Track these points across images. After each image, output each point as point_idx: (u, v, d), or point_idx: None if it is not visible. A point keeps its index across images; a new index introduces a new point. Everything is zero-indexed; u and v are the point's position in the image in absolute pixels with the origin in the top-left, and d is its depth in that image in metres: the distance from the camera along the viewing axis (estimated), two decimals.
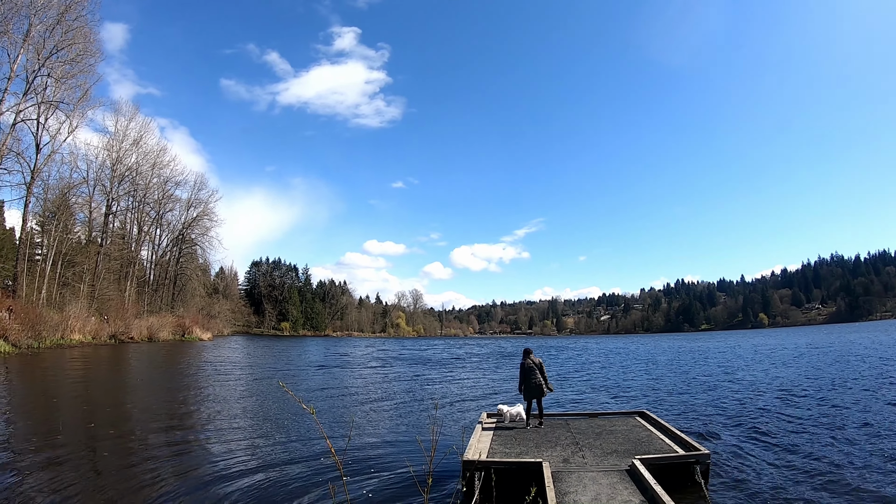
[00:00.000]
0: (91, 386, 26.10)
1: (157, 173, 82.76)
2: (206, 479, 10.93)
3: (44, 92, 53.22)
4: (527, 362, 14.09)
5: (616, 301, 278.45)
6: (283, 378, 31.39)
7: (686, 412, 19.40)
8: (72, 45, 53.53)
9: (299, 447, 14.20)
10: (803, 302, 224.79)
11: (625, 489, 8.72)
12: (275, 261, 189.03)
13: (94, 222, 72.81)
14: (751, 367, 36.64)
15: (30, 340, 41.53)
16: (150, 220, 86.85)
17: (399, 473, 11.67)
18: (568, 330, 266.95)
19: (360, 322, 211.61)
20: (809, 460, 12.17)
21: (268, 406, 21.65)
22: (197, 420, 18.18)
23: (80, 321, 53.48)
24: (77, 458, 12.31)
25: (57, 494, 9.62)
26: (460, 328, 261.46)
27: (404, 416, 19.86)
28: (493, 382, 32.18)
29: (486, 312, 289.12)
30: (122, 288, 74.99)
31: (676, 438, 11.77)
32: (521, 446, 11.87)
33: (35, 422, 16.55)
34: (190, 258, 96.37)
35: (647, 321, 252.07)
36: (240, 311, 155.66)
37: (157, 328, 70.23)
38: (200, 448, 13.99)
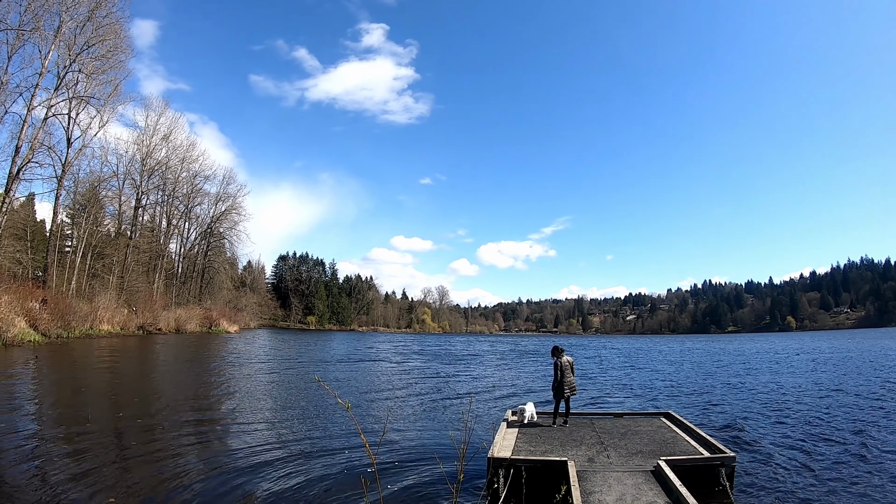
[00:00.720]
0: (119, 376, 26.36)
1: (186, 168, 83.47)
2: (233, 471, 10.97)
3: (75, 87, 53.78)
4: (563, 361, 14.02)
5: (642, 301, 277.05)
6: (311, 372, 31.43)
7: (712, 414, 19.20)
8: (102, 42, 54.00)
9: (327, 440, 14.22)
10: (832, 306, 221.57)
11: (650, 490, 8.63)
12: (302, 255, 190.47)
13: (123, 215, 73.68)
14: (778, 371, 36.24)
15: (59, 330, 42.06)
16: (179, 214, 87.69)
17: (428, 468, 11.69)
18: (594, 329, 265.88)
19: (386, 317, 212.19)
20: (837, 467, 11.95)
21: (295, 399, 21.71)
22: (224, 411, 18.27)
23: (108, 312, 54.10)
24: (105, 446, 12.40)
25: (85, 482, 9.68)
26: (486, 325, 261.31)
27: (431, 412, 19.88)
28: (517, 380, 32.12)
29: (512, 310, 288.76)
30: (151, 280, 75.79)
31: (702, 440, 11.63)
32: (547, 444, 11.81)
33: (64, 410, 16.70)
34: (218, 251, 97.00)
35: (674, 322, 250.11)
36: (266, 305, 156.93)
37: (185, 320, 70.91)
38: (227, 439, 14.07)
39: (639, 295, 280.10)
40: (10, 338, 34.22)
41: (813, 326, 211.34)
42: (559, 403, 14.11)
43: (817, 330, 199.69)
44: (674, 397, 24.35)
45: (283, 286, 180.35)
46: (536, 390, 26.51)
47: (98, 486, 9.50)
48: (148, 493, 9.42)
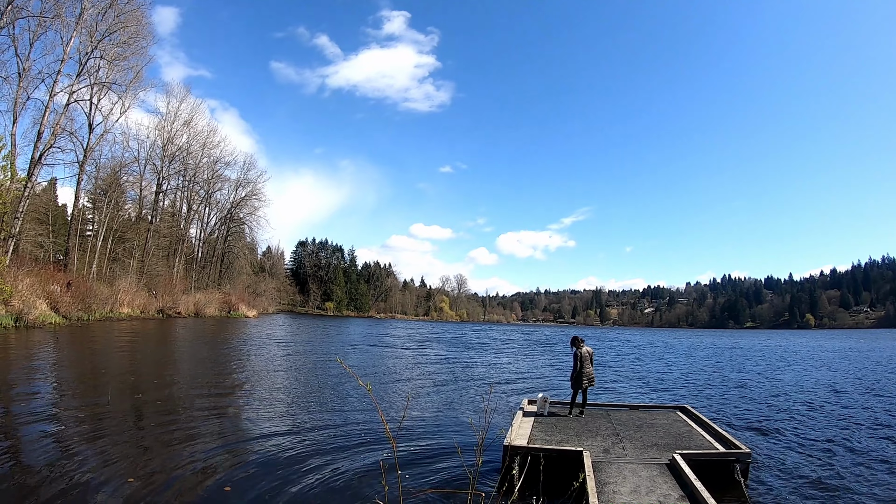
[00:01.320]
0: (138, 358, 26.66)
1: (206, 153, 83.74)
2: (251, 452, 11.08)
3: (96, 73, 54.10)
4: (583, 351, 14.01)
5: (661, 294, 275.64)
6: (330, 357, 31.58)
7: (728, 409, 19.15)
8: (124, 28, 54.16)
9: (344, 424, 14.32)
10: (851, 304, 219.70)
11: (664, 483, 8.62)
12: (321, 241, 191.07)
13: (144, 200, 74.20)
14: (796, 368, 36.07)
15: (80, 313, 42.53)
16: (200, 199, 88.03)
17: (446, 453, 11.79)
18: (611, 321, 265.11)
19: (404, 305, 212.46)
20: (853, 467, 11.85)
21: (312, 382, 21.95)
22: (242, 393, 18.45)
23: (129, 295, 54.69)
24: (124, 426, 12.57)
25: (104, 462, 9.79)
26: (503, 314, 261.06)
27: (448, 398, 20.01)
28: (533, 369, 32.25)
29: (530, 300, 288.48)
30: (171, 264, 76.37)
31: (717, 435, 11.64)
32: (562, 434, 11.85)
33: (84, 391, 16.90)
34: (237, 237, 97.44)
35: (692, 316, 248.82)
36: (285, 290, 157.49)
37: (204, 304, 71.60)
38: (245, 421, 14.23)
39: (657, 288, 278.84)
40: (32, 320, 34.65)
41: (832, 325, 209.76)
42: (577, 393, 14.14)
43: (836, 328, 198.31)
44: (689, 391, 24.32)
45: (301, 272, 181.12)
46: (552, 379, 26.61)
47: (117, 466, 9.60)
48: (167, 472, 9.52)
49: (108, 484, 8.64)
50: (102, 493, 8.22)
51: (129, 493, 8.33)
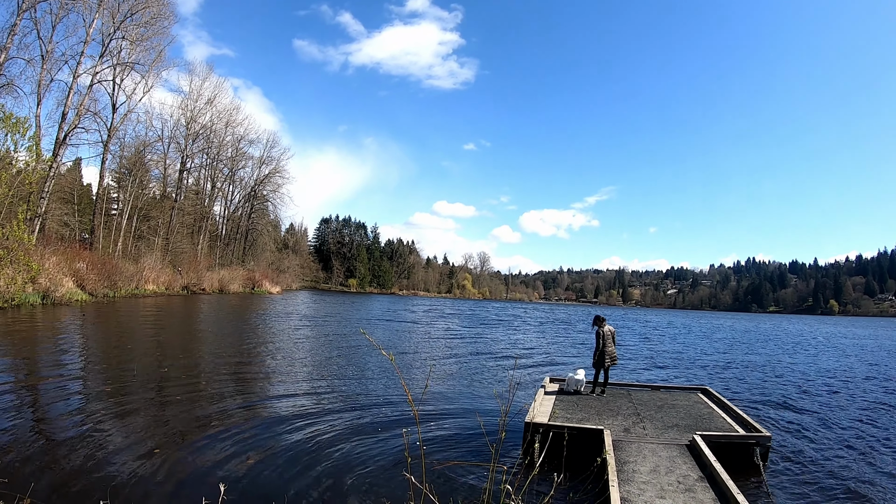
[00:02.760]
0: (164, 333, 26.94)
1: (230, 132, 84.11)
2: (274, 425, 11.26)
3: (119, 54, 54.35)
4: (605, 330, 14.07)
5: (684, 275, 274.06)
6: (353, 332, 31.81)
7: (749, 393, 19.11)
8: (146, 9, 54.30)
9: (369, 397, 14.54)
10: (876, 292, 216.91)
11: (684, 464, 8.68)
12: (345, 218, 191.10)
13: (168, 178, 74.77)
14: (820, 354, 35.84)
15: (106, 290, 43.01)
16: (223, 177, 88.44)
17: (468, 426, 12.01)
18: (634, 301, 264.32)
19: (427, 282, 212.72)
20: (874, 454, 11.82)
21: (336, 356, 22.25)
22: (266, 368, 18.65)
23: (154, 272, 55.22)
24: (149, 399, 12.85)
25: (130, 432, 10.05)
26: (525, 293, 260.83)
27: (470, 373, 20.32)
28: (554, 346, 32.38)
29: (553, 279, 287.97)
30: (195, 241, 77.00)
31: (738, 418, 11.67)
32: (583, 412, 11.95)
33: (110, 366, 17.12)
34: (261, 214, 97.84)
35: (715, 298, 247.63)
36: (308, 267, 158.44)
37: (228, 281, 72.14)
38: (269, 395, 14.42)
39: (680, 269, 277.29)
40: (59, 297, 35.12)
41: (856, 312, 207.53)
42: (599, 372, 14.22)
43: (860, 316, 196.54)
44: (711, 373, 24.29)
45: (325, 249, 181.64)
46: (572, 357, 26.72)
47: (142, 437, 9.85)
48: (191, 443, 9.73)
49: (134, 455, 8.84)
50: (128, 464, 8.42)
51: (155, 463, 8.54)
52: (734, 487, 7.33)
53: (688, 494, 7.45)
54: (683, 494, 7.45)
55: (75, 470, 8.13)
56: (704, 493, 7.51)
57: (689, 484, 7.82)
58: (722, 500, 7.27)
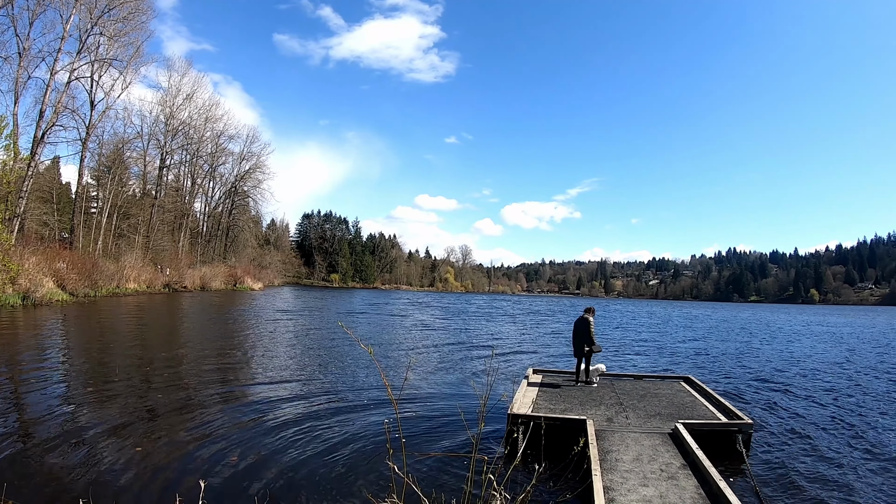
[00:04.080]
0: (146, 332, 26.85)
1: (210, 127, 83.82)
2: (257, 421, 11.21)
3: (97, 50, 54.00)
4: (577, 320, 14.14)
5: (666, 266, 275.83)
6: (334, 327, 31.78)
7: (731, 381, 19.28)
8: (123, 4, 53.86)
9: (348, 390, 14.62)
10: (856, 281, 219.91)
11: (666, 452, 8.73)
12: (326, 213, 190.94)
13: (148, 176, 74.29)
14: (801, 342, 36.20)
15: (86, 289, 42.74)
16: (204, 173, 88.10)
17: (451, 417, 12.06)
18: (616, 293, 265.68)
19: (409, 275, 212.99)
20: (853, 437, 11.98)
21: (317, 351, 22.25)
22: (248, 364, 18.62)
23: (135, 271, 54.95)
24: (132, 399, 12.71)
25: (112, 433, 9.94)
26: (508, 285, 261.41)
27: (451, 365, 20.47)
28: (534, 338, 32.57)
29: (535, 271, 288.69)
30: (176, 239, 76.61)
31: (720, 406, 11.80)
32: (566, 403, 12.02)
33: (92, 365, 17.03)
34: (242, 210, 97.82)
35: (696, 289, 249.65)
36: (290, 263, 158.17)
37: (210, 278, 72.05)
38: (251, 390, 14.35)
39: (662, 260, 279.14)
40: (39, 297, 34.86)
41: (836, 300, 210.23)
42: (580, 362, 14.28)
43: (840, 304, 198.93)
44: (693, 362, 24.46)
45: (306, 244, 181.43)
46: (552, 347, 26.89)
47: (125, 437, 9.75)
48: (174, 442, 9.66)
49: (115, 453, 8.78)
50: (110, 463, 8.36)
51: (137, 462, 8.48)
52: (716, 474, 7.38)
53: (671, 482, 7.49)
54: (666, 482, 7.49)
55: (56, 470, 8.08)
56: (687, 480, 7.56)
57: (672, 472, 7.87)
58: (704, 486, 7.32)
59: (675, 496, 7.01)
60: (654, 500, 6.90)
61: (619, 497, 7.00)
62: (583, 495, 7.29)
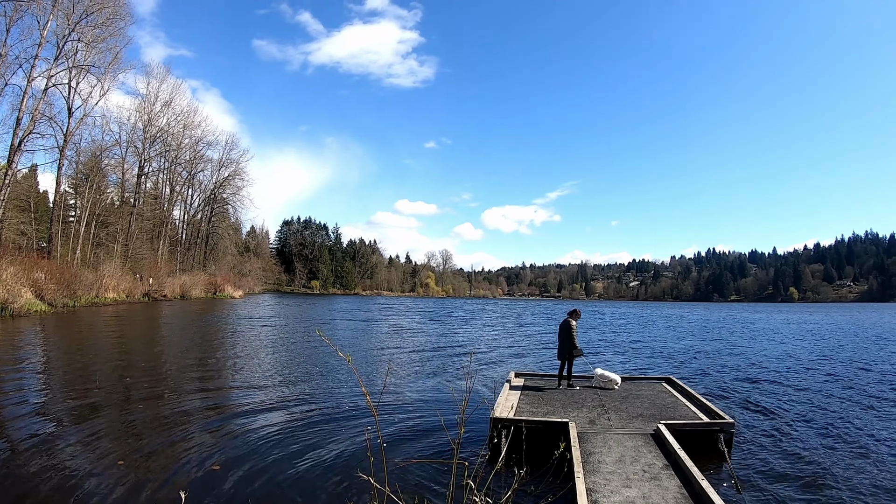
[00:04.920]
0: (126, 343, 26.61)
1: (188, 134, 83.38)
2: (239, 432, 11.11)
3: (74, 56, 53.53)
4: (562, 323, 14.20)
5: (646, 268, 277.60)
6: (314, 334, 31.68)
7: (712, 381, 19.40)
8: (101, 9, 53.52)
9: (329, 397, 14.57)
10: (835, 278, 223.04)
11: (648, 453, 8.77)
12: (305, 220, 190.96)
13: (126, 183, 73.61)
14: (781, 340, 36.50)
15: (65, 299, 42.31)
16: (182, 181, 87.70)
17: (431, 423, 12.03)
18: (597, 295, 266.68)
19: (390, 281, 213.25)
20: (833, 433, 12.12)
21: (299, 359, 22.06)
22: (229, 374, 18.46)
23: (114, 280, 54.43)
24: (112, 410, 12.57)
25: (93, 445, 9.82)
26: (489, 289, 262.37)
27: (432, 370, 20.46)
28: (513, 341, 32.76)
29: (516, 274, 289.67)
30: (155, 247, 76.13)
31: (702, 406, 11.85)
32: (548, 406, 12.02)
33: (72, 377, 16.86)
34: (221, 217, 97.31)
35: (677, 289, 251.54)
36: (270, 270, 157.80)
37: (190, 286, 71.61)
38: (233, 401, 14.23)
39: (642, 261, 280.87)
40: (17, 308, 34.43)
41: (815, 298, 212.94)
42: (563, 365, 14.34)
43: (819, 302, 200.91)
44: (674, 362, 24.59)
45: (286, 251, 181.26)
46: (530, 350, 27.03)
47: (106, 450, 9.62)
48: (156, 454, 9.55)
49: (96, 467, 8.67)
50: (91, 477, 8.26)
51: (119, 475, 8.39)
52: (698, 474, 7.42)
53: (653, 482, 7.52)
54: (649, 483, 7.52)
55: (36, 484, 7.97)
56: (670, 480, 7.60)
57: (655, 472, 7.91)
58: (687, 486, 7.36)
59: (657, 497, 7.04)
60: (637, 501, 6.93)
61: (602, 499, 7.01)
62: (566, 498, 7.30)
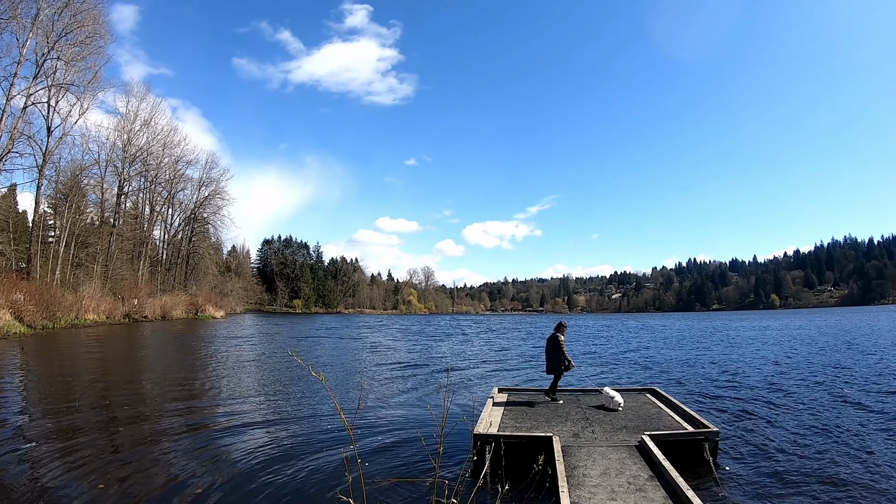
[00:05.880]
0: (106, 364, 26.39)
1: (168, 153, 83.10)
2: (219, 453, 11.06)
3: (53, 75, 53.44)
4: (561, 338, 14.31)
5: (628, 279, 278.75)
6: (294, 353, 31.56)
7: (696, 390, 19.42)
8: (81, 28, 53.51)
9: (310, 417, 14.48)
10: (815, 284, 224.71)
11: (634, 464, 8.78)
12: (286, 238, 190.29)
13: (106, 203, 73.12)
14: (765, 348, 36.64)
15: (45, 321, 41.96)
16: (162, 200, 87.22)
17: (411, 441, 11.95)
18: (579, 308, 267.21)
19: (372, 299, 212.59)
20: (820, 441, 12.13)
21: (279, 379, 21.98)
22: (210, 395, 18.34)
23: (94, 301, 54.04)
24: (93, 433, 12.43)
25: (73, 468, 9.72)
26: (472, 305, 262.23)
27: (412, 387, 20.37)
28: (500, 356, 32.72)
29: (498, 290, 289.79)
30: (135, 267, 75.51)
31: (686, 416, 11.86)
32: (532, 420, 11.99)
33: (51, 400, 16.71)
34: (202, 237, 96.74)
35: (659, 300, 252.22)
36: (252, 289, 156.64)
37: (171, 307, 71.10)
38: (213, 422, 14.11)
39: (624, 273, 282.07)
40: None
41: (797, 304, 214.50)
42: (558, 379, 14.39)
43: (801, 308, 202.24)
44: (658, 373, 24.62)
45: (268, 270, 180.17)
46: (511, 366, 27.03)
47: (86, 473, 9.54)
48: (136, 477, 9.47)
49: (76, 490, 8.60)
50: (72, 500, 8.20)
51: (99, 498, 8.33)
52: (684, 484, 7.46)
53: (639, 494, 7.55)
54: (634, 494, 7.54)
55: None
56: (655, 491, 7.63)
57: (640, 484, 7.93)
58: (673, 497, 7.39)
59: None
60: None
61: None
62: None
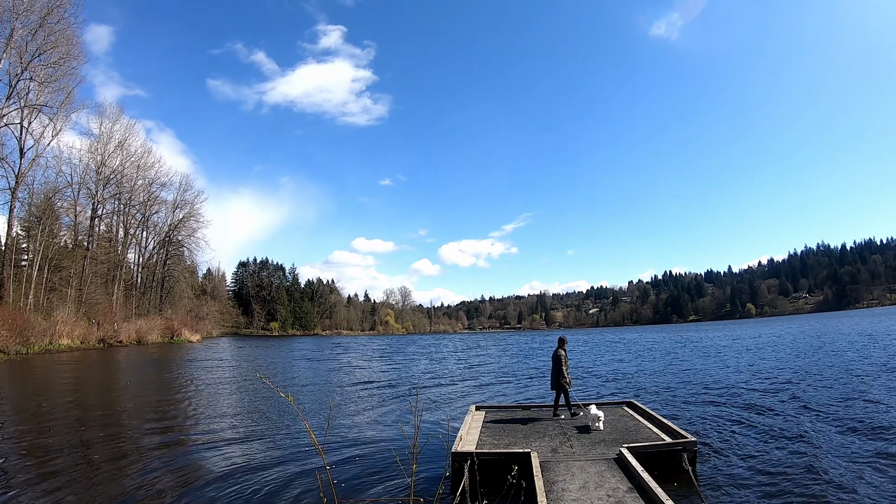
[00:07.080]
0: (81, 390, 26.15)
1: (142, 175, 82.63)
2: (195, 478, 11.08)
3: (27, 96, 53.16)
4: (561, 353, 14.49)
5: (604, 294, 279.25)
6: (269, 376, 31.47)
7: (674, 401, 19.64)
8: (54, 49, 53.35)
9: (285, 439, 14.59)
10: (790, 291, 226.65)
11: (612, 477, 8.90)
12: (262, 261, 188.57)
13: (79, 226, 72.52)
14: (738, 357, 36.99)
15: (18, 346, 41.44)
16: (136, 223, 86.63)
17: (386, 460, 12.07)
18: (557, 324, 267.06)
19: (349, 320, 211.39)
20: (795, 446, 12.38)
21: (254, 402, 22.03)
22: (185, 419, 18.32)
23: (68, 326, 53.38)
24: (68, 460, 12.41)
25: (48, 495, 9.72)
26: (449, 324, 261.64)
27: (387, 407, 20.48)
28: (478, 374, 32.82)
29: (475, 308, 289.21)
30: (110, 291, 74.66)
31: (664, 427, 12.01)
32: (510, 437, 12.08)
33: (25, 426, 16.57)
34: (177, 260, 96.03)
35: (636, 313, 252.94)
36: (228, 312, 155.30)
37: (146, 331, 70.20)
38: (189, 446, 14.15)
39: (601, 288, 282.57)
40: None
41: (773, 312, 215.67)
42: (559, 395, 14.50)
43: (777, 315, 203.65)
44: (636, 386, 24.78)
45: (244, 293, 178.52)
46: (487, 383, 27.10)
47: (62, 500, 9.55)
48: (108, 494, 9.49)
49: None
50: None
51: None
52: (663, 494, 7.58)
53: None
54: None
55: None
56: (635, 503, 7.74)
57: (619, 496, 8.05)
58: None
59: None
60: None
61: None
62: None
